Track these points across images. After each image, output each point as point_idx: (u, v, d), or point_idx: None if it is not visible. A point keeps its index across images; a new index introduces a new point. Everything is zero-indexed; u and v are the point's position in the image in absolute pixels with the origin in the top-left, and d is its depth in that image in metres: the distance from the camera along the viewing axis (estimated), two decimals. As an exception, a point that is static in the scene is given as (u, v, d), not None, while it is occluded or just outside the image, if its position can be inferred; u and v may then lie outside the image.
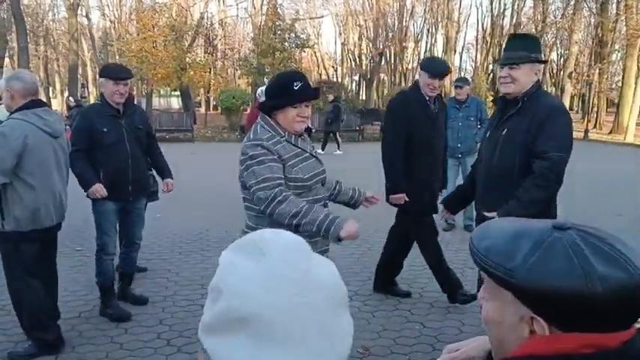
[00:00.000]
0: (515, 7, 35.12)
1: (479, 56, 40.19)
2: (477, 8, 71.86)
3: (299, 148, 2.59)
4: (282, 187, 2.45)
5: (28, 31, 26.05)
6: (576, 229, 0.82)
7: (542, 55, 3.15)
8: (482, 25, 39.78)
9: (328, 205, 2.78)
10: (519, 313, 0.82)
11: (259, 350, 0.70)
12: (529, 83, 2.98)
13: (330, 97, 18.64)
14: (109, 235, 4.19)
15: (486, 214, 2.95)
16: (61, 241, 6.16)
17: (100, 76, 4.31)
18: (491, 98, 35.41)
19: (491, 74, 36.82)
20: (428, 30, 41.67)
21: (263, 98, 7.07)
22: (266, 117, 2.59)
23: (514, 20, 35.79)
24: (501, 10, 35.99)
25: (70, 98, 18.01)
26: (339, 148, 17.00)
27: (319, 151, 16.07)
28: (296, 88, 2.50)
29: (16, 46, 24.77)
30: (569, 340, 0.79)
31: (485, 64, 37.81)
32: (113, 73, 4.18)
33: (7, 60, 32.21)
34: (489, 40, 36.81)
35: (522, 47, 3.00)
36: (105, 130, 4.05)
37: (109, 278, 4.26)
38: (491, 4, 36.34)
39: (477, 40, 40.97)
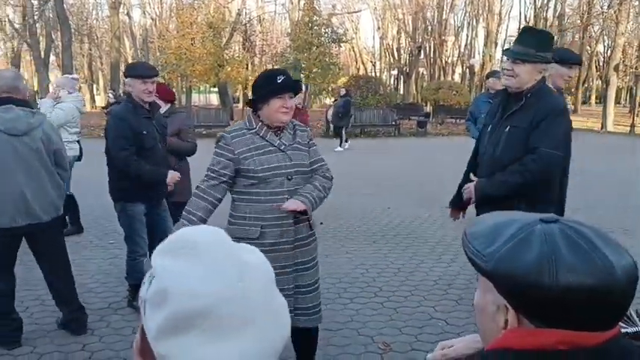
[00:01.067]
0: (559, -3, 34.16)
1: (521, 49, 39.22)
2: (520, 0, 70.35)
3: (265, 141, 2.75)
4: (208, 179, 2.77)
5: (72, 30, 26.85)
6: (561, 223, 0.81)
7: (551, 53, 3.10)
8: (525, 17, 38.74)
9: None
10: (497, 302, 0.82)
11: (216, 343, 0.70)
12: (531, 80, 2.96)
13: (342, 92, 18.36)
14: (142, 236, 4.23)
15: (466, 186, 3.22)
16: (96, 235, 6.41)
17: (127, 76, 4.26)
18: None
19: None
20: (468, 23, 40.99)
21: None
22: (250, 112, 2.87)
23: (558, 11, 34.82)
24: (545, 2, 35.06)
25: (110, 94, 18.47)
26: (340, 145, 16.09)
27: (338, 148, 15.74)
28: (279, 81, 2.71)
29: (60, 45, 25.53)
30: (545, 335, 0.77)
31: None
32: (141, 71, 4.18)
33: (52, 58, 33.32)
34: (532, 33, 35.90)
35: (531, 43, 2.97)
36: (145, 132, 4.07)
37: (141, 277, 4.34)
38: (535, -6, 35.46)
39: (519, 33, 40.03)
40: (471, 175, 3.34)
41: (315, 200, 2.75)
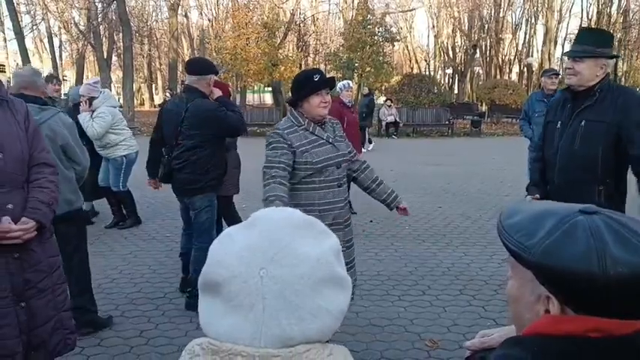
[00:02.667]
0: (625, -8, 32.75)
1: (582, 47, 37.88)
2: (582, -4, 67.74)
3: (315, 135, 3.02)
4: (280, 171, 2.87)
5: (133, 32, 27.81)
6: (603, 214, 0.82)
7: (612, 50, 3.14)
8: (588, 13, 37.38)
9: (343, 185, 3.13)
10: (536, 292, 0.83)
11: (226, 314, 0.78)
12: (593, 77, 3.00)
13: (365, 90, 18.16)
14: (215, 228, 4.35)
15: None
16: (152, 227, 6.65)
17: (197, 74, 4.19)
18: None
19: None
20: (527, 20, 39.86)
21: (344, 92, 7.17)
22: (292, 110, 3.09)
23: (622, 7, 33.41)
24: (609, -2, 33.70)
25: (167, 93, 19.06)
26: (363, 146, 15.44)
27: (367, 148, 15.32)
28: (316, 79, 2.99)
29: (122, 46, 26.48)
30: (578, 322, 0.79)
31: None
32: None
33: (114, 58, 34.61)
34: (594, 30, 34.58)
35: (590, 41, 3.03)
36: None
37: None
38: (598, -9, 34.16)
39: (580, 30, 38.63)
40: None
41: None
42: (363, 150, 15.21)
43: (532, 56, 38.78)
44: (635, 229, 0.79)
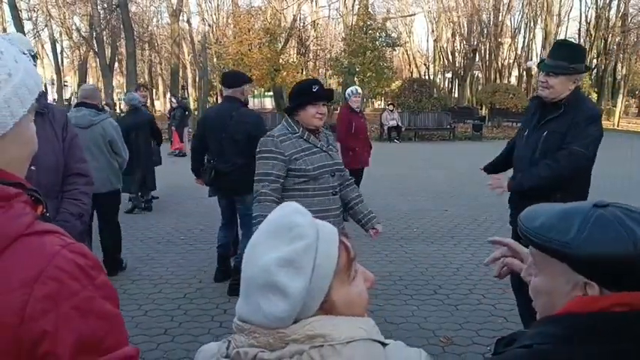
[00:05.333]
0: (623, -4, 32.95)
1: (581, 51, 38.07)
2: (580, 0, 68.27)
3: (309, 143, 3.07)
4: (271, 184, 2.97)
5: (135, 37, 27.98)
6: (614, 206, 0.97)
7: (584, 65, 3.27)
8: (586, 17, 37.62)
9: (338, 194, 3.17)
10: (572, 281, 0.95)
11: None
12: (565, 90, 3.13)
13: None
14: None
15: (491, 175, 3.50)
16: (167, 231, 6.80)
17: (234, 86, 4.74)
18: (595, 96, 33.71)
19: (595, 69, 34.85)
20: (526, 24, 40.06)
21: (352, 98, 7.34)
22: (287, 117, 3.14)
23: (621, 11, 33.63)
24: (607, 1, 33.92)
25: (172, 99, 19.21)
26: None
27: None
28: (314, 90, 3.04)
29: (124, 51, 26.68)
30: (605, 299, 0.92)
31: (588, 59, 35.78)
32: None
33: (116, 64, 34.78)
34: (593, 34, 34.80)
35: (564, 57, 3.14)
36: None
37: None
38: (596, -5, 34.38)
39: (579, 34, 38.86)
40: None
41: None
42: None
43: (531, 60, 38.99)
44: None
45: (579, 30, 38.82)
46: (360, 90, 7.89)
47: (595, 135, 3.13)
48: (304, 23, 31.50)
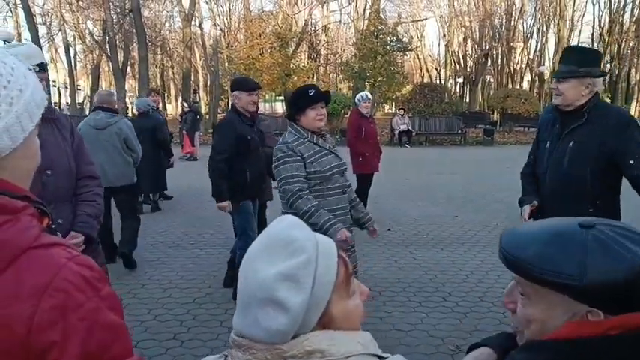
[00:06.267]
0: (637, 1, 32.63)
1: (594, 55, 37.81)
2: (594, 5, 67.41)
3: (319, 146, 3.18)
4: (301, 184, 3.08)
5: (147, 42, 28.20)
6: (602, 224, 0.92)
7: (598, 69, 3.13)
8: (600, 22, 37.34)
9: (347, 192, 3.31)
10: (572, 310, 0.89)
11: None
12: (578, 96, 2.99)
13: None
14: (255, 231, 4.58)
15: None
16: (178, 236, 6.83)
17: (233, 90, 4.69)
18: (608, 101, 33.44)
19: (609, 74, 34.59)
20: (538, 29, 39.86)
21: (362, 104, 7.36)
22: (292, 124, 3.23)
23: (635, 16, 33.37)
24: (621, 6, 33.69)
25: (184, 103, 19.32)
26: None
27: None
28: (311, 93, 3.17)
29: (136, 55, 26.89)
30: (599, 324, 0.88)
31: (602, 64, 35.53)
32: (247, 85, 4.69)
33: (128, 68, 35.06)
34: (607, 39, 34.56)
35: (574, 61, 3.03)
36: (249, 137, 4.55)
37: None
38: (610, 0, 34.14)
39: (592, 39, 38.60)
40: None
41: None
42: None
43: (543, 65, 38.78)
44: (633, 229, 0.92)
45: (592, 35, 38.54)
46: (370, 95, 7.90)
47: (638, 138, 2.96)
48: (315, 28, 31.55)
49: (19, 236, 0.85)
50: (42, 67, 2.57)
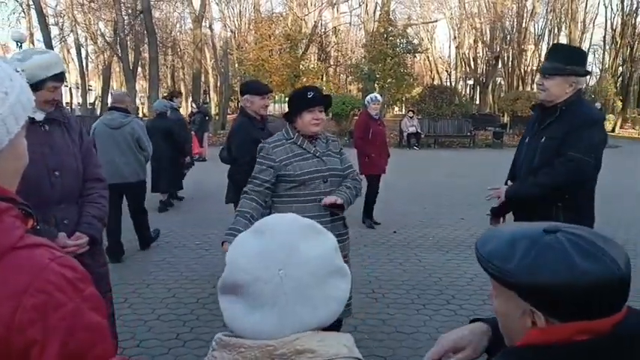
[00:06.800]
0: (650, 3, 32.38)
1: (607, 58, 37.61)
2: (606, 7, 66.88)
3: (302, 149, 3.08)
4: (255, 185, 3.02)
5: (158, 43, 28.37)
6: (563, 232, 0.95)
7: (583, 68, 3.17)
8: (612, 24, 37.08)
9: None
10: (521, 307, 0.94)
11: (250, 310, 0.93)
12: (562, 93, 3.03)
13: None
14: None
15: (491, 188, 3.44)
16: (184, 236, 6.86)
17: (244, 94, 4.68)
18: (620, 104, 33.17)
19: (620, 77, 34.33)
20: (550, 31, 39.64)
21: (371, 105, 7.34)
22: (287, 123, 3.16)
23: (647, 18, 33.12)
24: (634, 8, 33.42)
25: (193, 104, 19.41)
26: None
27: None
28: (309, 96, 3.05)
29: (147, 57, 27.03)
30: (563, 329, 0.91)
31: (614, 67, 35.29)
32: (260, 89, 4.66)
33: (139, 69, 35.29)
34: (619, 41, 34.30)
35: (559, 58, 3.08)
36: (261, 141, 4.46)
37: None
38: (622, 2, 33.86)
39: (604, 41, 38.36)
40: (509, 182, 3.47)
41: (349, 197, 3.08)
42: None
43: (554, 67, 38.51)
44: (591, 240, 0.93)
45: (604, 37, 38.31)
46: (379, 97, 7.91)
47: (594, 140, 3.00)
48: (325, 29, 31.58)
49: (1, 237, 0.86)
50: (57, 77, 2.58)
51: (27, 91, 0.98)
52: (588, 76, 3.36)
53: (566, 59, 3.08)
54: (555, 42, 39.28)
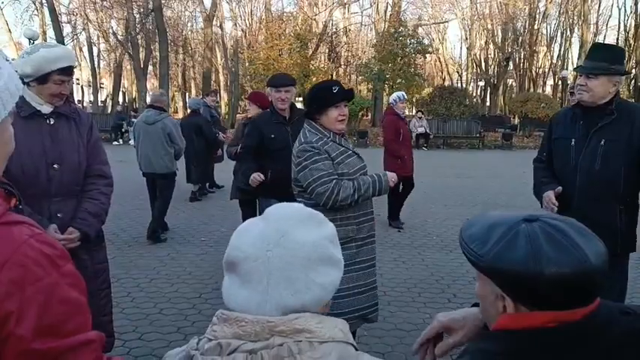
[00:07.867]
0: (664, 6, 32.07)
1: (619, 60, 37.23)
2: (619, 9, 66.30)
3: (343, 146, 2.94)
4: (336, 180, 2.80)
5: (169, 41, 28.52)
6: (541, 222, 0.96)
7: (624, 67, 3.10)
8: (625, 26, 36.74)
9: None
10: (494, 292, 0.98)
11: (241, 287, 0.99)
12: (606, 93, 2.96)
13: None
14: None
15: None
16: (189, 232, 6.91)
17: (267, 86, 4.79)
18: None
19: (634, 80, 34.02)
20: (562, 33, 39.37)
21: (399, 104, 7.18)
22: (311, 122, 2.95)
23: (662, 21, 32.80)
24: (647, 10, 33.10)
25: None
26: None
27: None
28: (334, 91, 2.88)
29: (158, 55, 27.20)
30: (533, 317, 0.93)
31: (627, 69, 34.94)
32: (274, 81, 4.59)
33: (150, 67, 35.48)
34: (632, 43, 33.99)
35: (604, 58, 2.99)
36: (272, 136, 4.34)
37: None
38: (636, 4, 33.55)
39: (617, 43, 37.96)
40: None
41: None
42: None
43: (567, 69, 38.30)
44: (566, 231, 0.94)
45: (617, 39, 37.94)
46: (406, 96, 7.74)
47: None
48: (335, 29, 31.57)
49: None
50: (65, 71, 2.56)
51: (15, 78, 1.00)
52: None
53: (610, 59, 3.00)
54: (568, 44, 39.19)
